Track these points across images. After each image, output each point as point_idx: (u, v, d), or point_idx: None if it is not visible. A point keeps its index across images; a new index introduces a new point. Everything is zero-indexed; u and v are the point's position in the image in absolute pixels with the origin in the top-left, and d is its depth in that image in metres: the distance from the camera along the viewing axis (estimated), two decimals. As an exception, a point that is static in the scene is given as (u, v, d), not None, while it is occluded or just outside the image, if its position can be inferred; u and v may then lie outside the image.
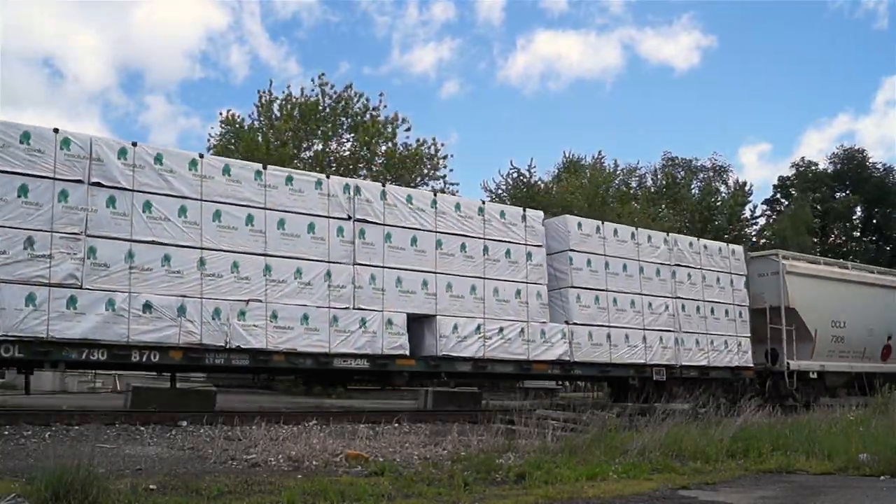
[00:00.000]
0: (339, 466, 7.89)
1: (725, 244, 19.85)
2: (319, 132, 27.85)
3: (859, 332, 21.01)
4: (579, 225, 16.20)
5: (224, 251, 12.03)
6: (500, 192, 34.30)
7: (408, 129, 28.80)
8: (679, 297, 17.39)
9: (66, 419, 10.41)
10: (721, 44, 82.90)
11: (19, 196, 10.61)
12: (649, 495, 7.00)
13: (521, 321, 14.82)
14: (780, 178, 47.32)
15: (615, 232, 16.71)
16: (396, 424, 12.21)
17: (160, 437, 9.85)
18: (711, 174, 41.14)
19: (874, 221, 45.51)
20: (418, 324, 13.92)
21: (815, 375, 19.68)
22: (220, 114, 29.48)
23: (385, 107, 28.58)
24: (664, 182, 39.65)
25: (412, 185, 27.84)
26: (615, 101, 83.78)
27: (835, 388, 20.91)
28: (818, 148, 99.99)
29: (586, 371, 15.97)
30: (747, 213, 39.72)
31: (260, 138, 26.62)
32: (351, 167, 27.49)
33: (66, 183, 10.97)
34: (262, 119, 28.05)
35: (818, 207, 42.86)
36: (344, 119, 28.41)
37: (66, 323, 10.65)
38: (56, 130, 11.17)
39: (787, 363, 18.86)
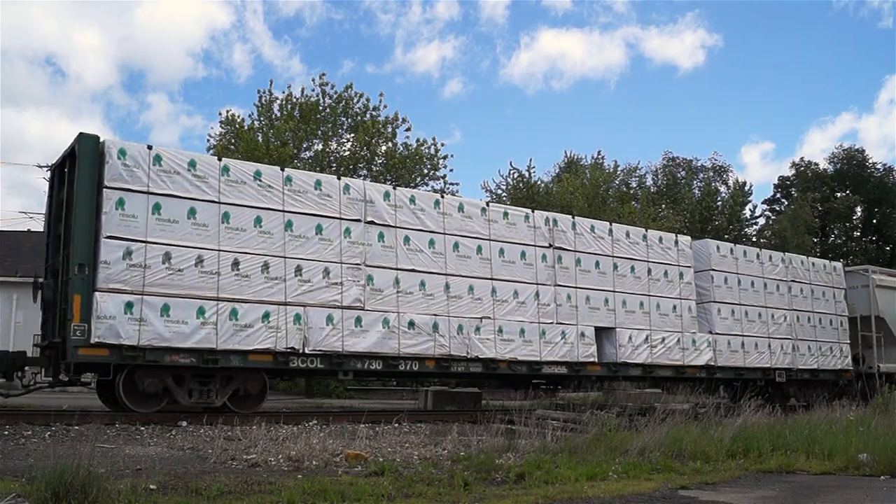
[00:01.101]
0: (339, 466, 7.89)
1: (828, 261, 22.43)
2: (319, 132, 27.84)
3: None
4: (717, 248, 19.04)
5: (462, 276, 14.38)
6: (500, 192, 34.31)
7: (408, 129, 28.83)
8: (794, 309, 20.10)
9: (66, 419, 10.42)
10: (726, 43, 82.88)
11: (317, 234, 12.89)
12: (649, 495, 7.00)
13: (678, 332, 17.30)
14: (780, 178, 47.38)
15: (744, 253, 19.46)
16: (396, 424, 12.23)
17: (160, 437, 9.85)
18: (711, 174, 41.15)
19: (874, 221, 45.50)
20: (600, 335, 16.19)
21: None
22: (220, 114, 29.49)
23: (385, 107, 28.62)
24: (664, 182, 39.65)
25: (412, 185, 27.89)
26: (618, 101, 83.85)
27: None
28: (821, 147, 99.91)
29: (725, 374, 18.30)
30: (747, 213, 39.71)
31: (260, 138, 26.61)
32: (351, 167, 27.48)
33: (349, 222, 13.26)
34: (262, 119, 28.04)
35: (818, 207, 42.85)
36: (344, 119, 28.40)
37: (355, 339, 12.89)
38: (339, 178, 13.79)
39: (878, 366, 21.09)
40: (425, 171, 28.53)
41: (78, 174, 11.23)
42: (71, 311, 10.85)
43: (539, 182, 34.52)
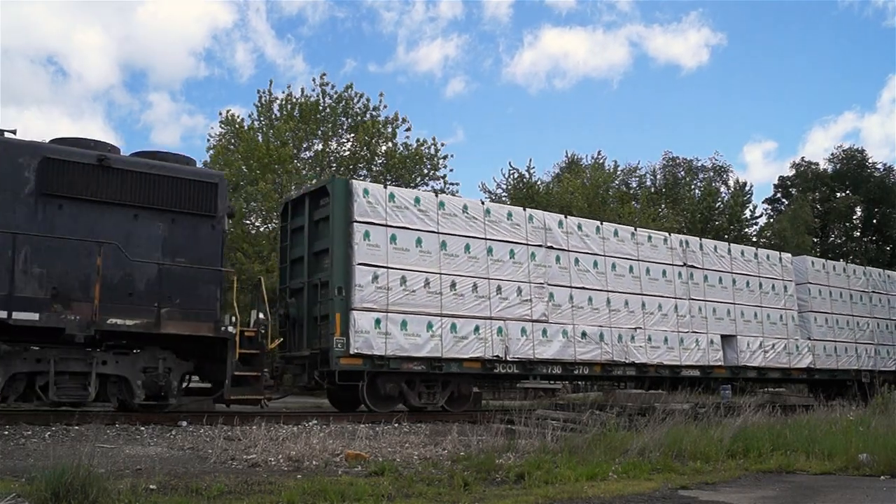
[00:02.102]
0: (339, 466, 7.89)
1: (894, 272, 24.95)
2: (319, 132, 27.83)
3: None
4: (813, 263, 21.97)
5: (619, 293, 16.56)
6: (499, 192, 34.31)
7: (408, 129, 28.83)
8: (875, 317, 22.79)
9: (66, 419, 10.41)
10: (730, 42, 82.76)
11: (510, 258, 15.08)
12: (649, 495, 7.00)
13: (784, 338, 19.84)
14: (781, 178, 47.38)
15: (833, 267, 22.32)
16: (396, 424, 12.23)
17: (160, 437, 9.85)
18: (712, 174, 41.13)
19: (874, 221, 45.49)
20: (723, 342, 18.42)
21: None
22: (220, 114, 29.47)
23: (385, 107, 28.62)
24: (664, 182, 39.62)
25: (412, 185, 27.89)
26: (621, 100, 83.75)
27: None
28: (823, 146, 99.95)
29: (822, 376, 20.71)
30: (747, 214, 39.67)
31: (260, 138, 26.60)
32: (351, 167, 27.48)
33: (534, 247, 15.47)
34: (262, 119, 28.03)
35: (818, 207, 42.85)
36: (344, 119, 28.39)
37: (542, 347, 14.99)
38: (525, 209, 16.04)
39: None
40: (425, 171, 28.54)
41: (333, 211, 13.45)
42: (333, 327, 12.91)
43: (539, 182, 34.55)
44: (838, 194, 44.68)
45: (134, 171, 11.51)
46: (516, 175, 34.26)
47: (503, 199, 32.98)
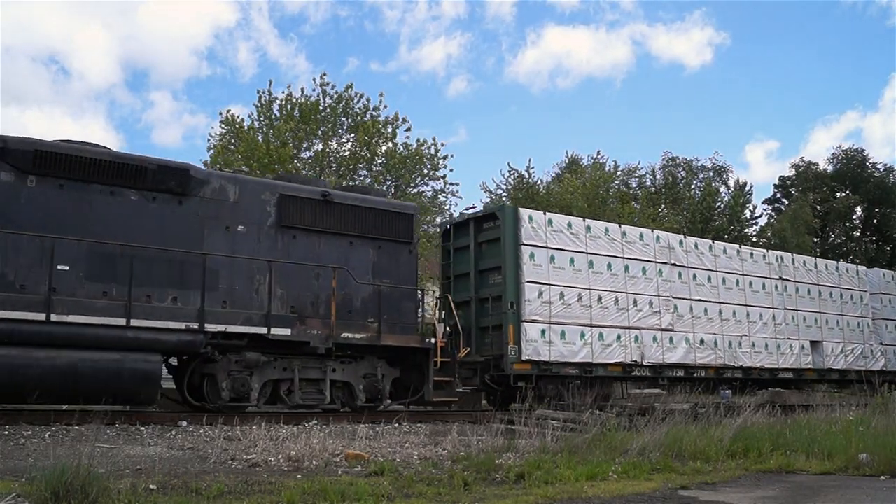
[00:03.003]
0: (339, 466, 7.89)
1: None
2: (319, 132, 27.81)
3: None
4: (883, 275, 24.28)
5: (728, 304, 18.65)
6: (499, 192, 34.29)
7: (408, 130, 28.80)
8: None
9: (66, 419, 10.41)
10: (734, 41, 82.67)
11: (643, 274, 17.05)
12: (649, 495, 7.01)
13: (861, 343, 22.08)
14: (781, 178, 47.35)
15: (892, 277, 24.65)
16: (396, 424, 12.23)
17: (160, 437, 9.85)
18: (711, 174, 41.10)
19: (874, 221, 45.48)
20: (811, 347, 20.62)
21: None
22: (220, 113, 29.45)
23: (385, 107, 28.55)
24: (664, 182, 39.59)
25: (412, 185, 27.84)
26: (624, 100, 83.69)
27: None
28: (826, 146, 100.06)
29: (890, 378, 21.92)
30: (747, 214, 39.66)
31: (260, 138, 26.58)
32: (351, 167, 27.46)
33: (660, 264, 17.41)
34: (261, 119, 28.00)
35: (818, 207, 42.82)
36: (344, 119, 28.37)
37: (669, 353, 17.04)
38: (653, 231, 18.22)
39: None
40: (425, 171, 28.52)
41: (504, 235, 15.35)
42: (506, 336, 14.77)
43: (539, 182, 34.54)
44: (838, 194, 44.65)
45: (349, 205, 13.63)
46: (516, 175, 34.27)
47: (503, 199, 32.97)
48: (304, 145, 27.86)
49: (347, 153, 28.02)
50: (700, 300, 18.07)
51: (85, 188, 11.16)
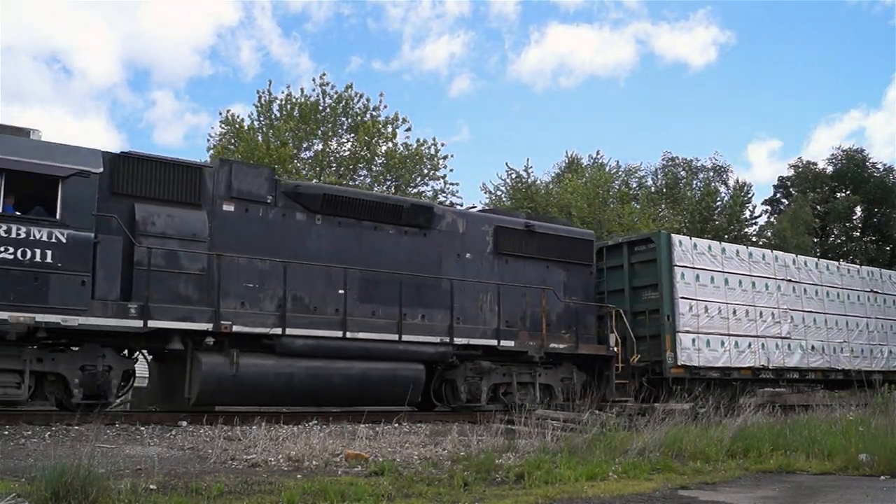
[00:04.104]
0: (339, 466, 7.90)
1: None
2: (319, 132, 27.81)
3: None
4: None
5: (831, 314, 20.65)
6: (499, 193, 34.25)
7: (408, 129, 28.81)
8: None
9: (66, 419, 10.41)
10: (739, 40, 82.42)
11: (766, 289, 19.02)
12: (649, 495, 7.01)
13: None
14: (780, 178, 47.30)
15: None
16: (396, 424, 12.23)
17: (160, 437, 9.84)
18: (711, 174, 41.06)
19: (874, 221, 45.46)
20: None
21: None
22: (221, 113, 29.43)
23: (385, 107, 28.57)
24: (664, 182, 39.56)
25: (412, 185, 27.82)
26: (628, 99, 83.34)
27: None
28: (828, 145, 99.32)
29: None
30: (747, 214, 39.61)
31: (260, 138, 26.58)
32: (351, 167, 27.47)
33: (778, 280, 19.48)
34: (262, 119, 28.00)
35: (818, 207, 42.80)
36: (344, 119, 28.37)
37: (788, 358, 19.03)
38: (772, 251, 20.35)
39: None
40: (425, 171, 28.52)
41: (660, 257, 17.24)
42: (664, 345, 16.78)
43: (538, 182, 34.50)
44: (838, 194, 44.62)
45: (546, 234, 16.11)
46: (514, 175, 34.22)
47: (503, 200, 32.95)
48: (304, 145, 27.86)
49: (347, 153, 28.02)
50: (811, 311, 20.21)
51: (357, 224, 13.46)
